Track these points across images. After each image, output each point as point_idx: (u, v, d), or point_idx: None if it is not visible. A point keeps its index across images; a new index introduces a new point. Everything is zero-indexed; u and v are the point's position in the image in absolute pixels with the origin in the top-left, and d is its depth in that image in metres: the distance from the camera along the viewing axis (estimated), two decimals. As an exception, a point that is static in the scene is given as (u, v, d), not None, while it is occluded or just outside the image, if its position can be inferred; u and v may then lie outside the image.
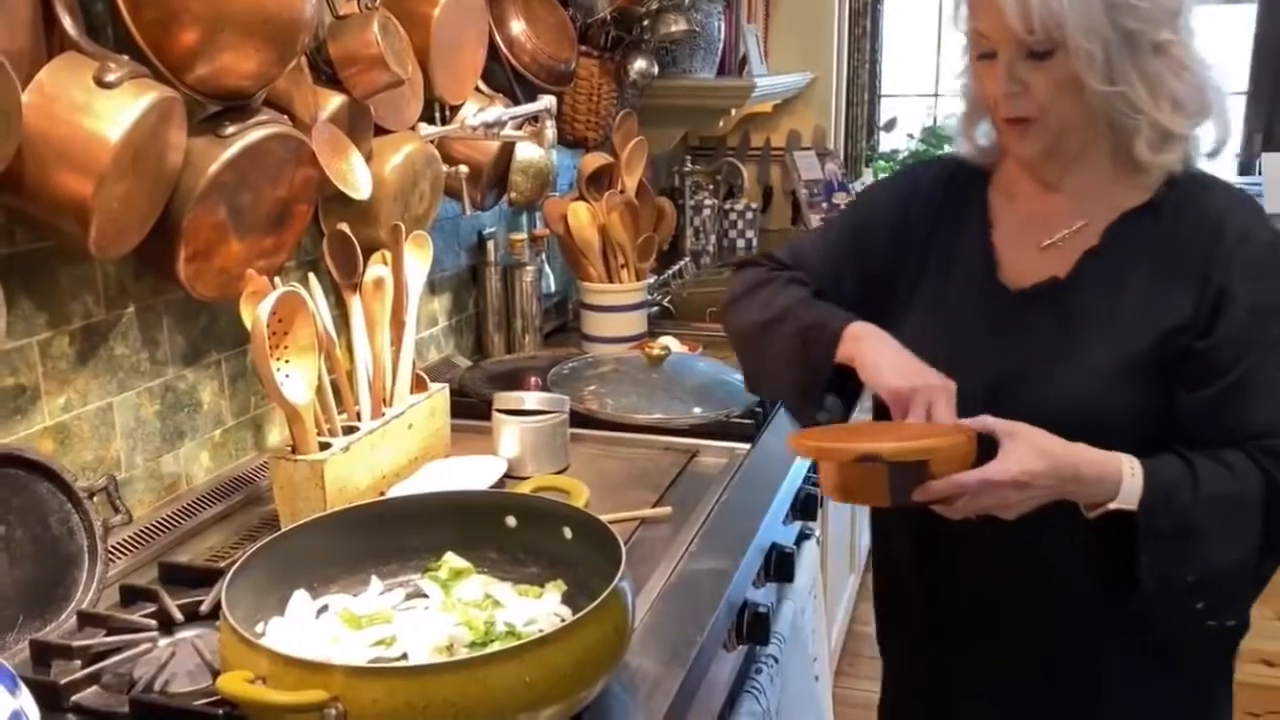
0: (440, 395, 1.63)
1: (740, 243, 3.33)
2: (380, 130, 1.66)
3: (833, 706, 2.03)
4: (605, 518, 1.14)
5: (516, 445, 1.61)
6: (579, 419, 1.73)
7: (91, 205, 1.12)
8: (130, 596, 1.22)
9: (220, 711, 0.98)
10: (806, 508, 1.75)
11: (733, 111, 2.95)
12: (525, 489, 1.46)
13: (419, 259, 1.59)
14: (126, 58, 1.17)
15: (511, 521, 1.19)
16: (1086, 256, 1.18)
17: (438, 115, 1.81)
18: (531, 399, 1.64)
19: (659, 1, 2.42)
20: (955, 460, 1.05)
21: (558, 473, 1.60)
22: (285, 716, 0.87)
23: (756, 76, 3.05)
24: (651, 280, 2.46)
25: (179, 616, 1.16)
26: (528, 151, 2.04)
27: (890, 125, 4.18)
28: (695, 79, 2.82)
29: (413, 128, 1.74)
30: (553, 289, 2.46)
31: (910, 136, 4.20)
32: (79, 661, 1.08)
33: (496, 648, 0.98)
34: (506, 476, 1.57)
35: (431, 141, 1.76)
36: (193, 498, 1.49)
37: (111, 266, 1.35)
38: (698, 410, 1.78)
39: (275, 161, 1.37)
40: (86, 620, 1.16)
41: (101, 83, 1.12)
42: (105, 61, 1.13)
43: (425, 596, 1.13)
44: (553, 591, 1.12)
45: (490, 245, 2.20)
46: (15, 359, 1.24)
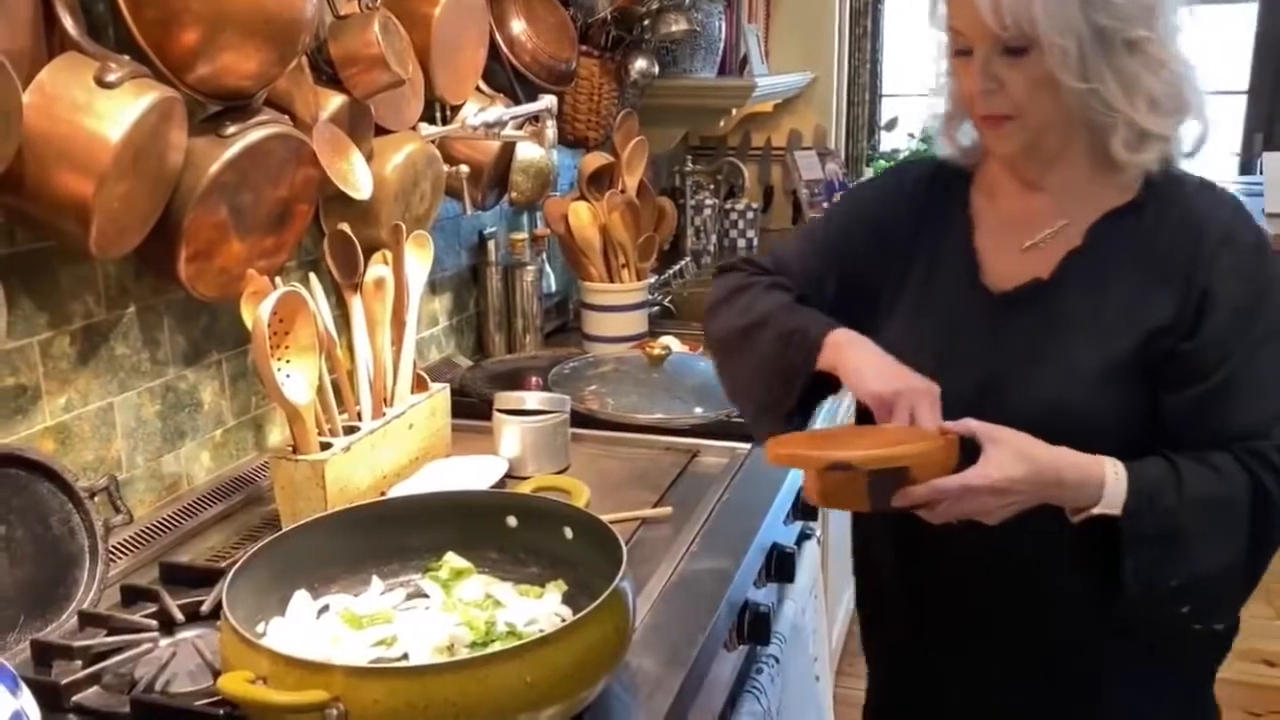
0: (441, 395, 1.63)
1: (741, 242, 3.32)
2: (381, 130, 1.66)
3: (833, 706, 2.02)
4: (606, 518, 1.14)
5: (517, 445, 1.61)
6: (580, 419, 1.73)
7: (92, 205, 1.12)
8: (131, 596, 1.22)
9: (221, 712, 0.98)
10: (807, 508, 1.74)
11: (733, 111, 2.94)
12: (526, 489, 1.46)
13: (420, 259, 1.59)
14: (127, 58, 1.17)
15: (512, 521, 1.19)
16: (1069, 257, 1.16)
17: (438, 115, 1.82)
18: (532, 399, 1.64)
19: (660, 1, 2.42)
20: (936, 465, 1.04)
21: (558, 473, 1.60)
22: (286, 717, 0.87)
23: (757, 76, 3.05)
24: (652, 280, 2.46)
25: (180, 617, 1.16)
26: (528, 151, 2.04)
27: (891, 125, 4.18)
28: (696, 79, 2.82)
29: (413, 128, 1.74)
30: (553, 289, 2.46)
31: (911, 136, 4.19)
32: (80, 662, 1.08)
33: (497, 648, 0.98)
34: (507, 476, 1.57)
35: (432, 141, 1.76)
36: (193, 498, 1.49)
37: (112, 266, 1.35)
38: (699, 410, 1.78)
39: (276, 161, 1.37)
40: (87, 620, 1.16)
41: (102, 83, 1.12)
42: (106, 61, 1.13)
43: (426, 596, 1.13)
44: (553, 591, 1.12)
45: (491, 245, 2.20)
46: (16, 359, 1.24)
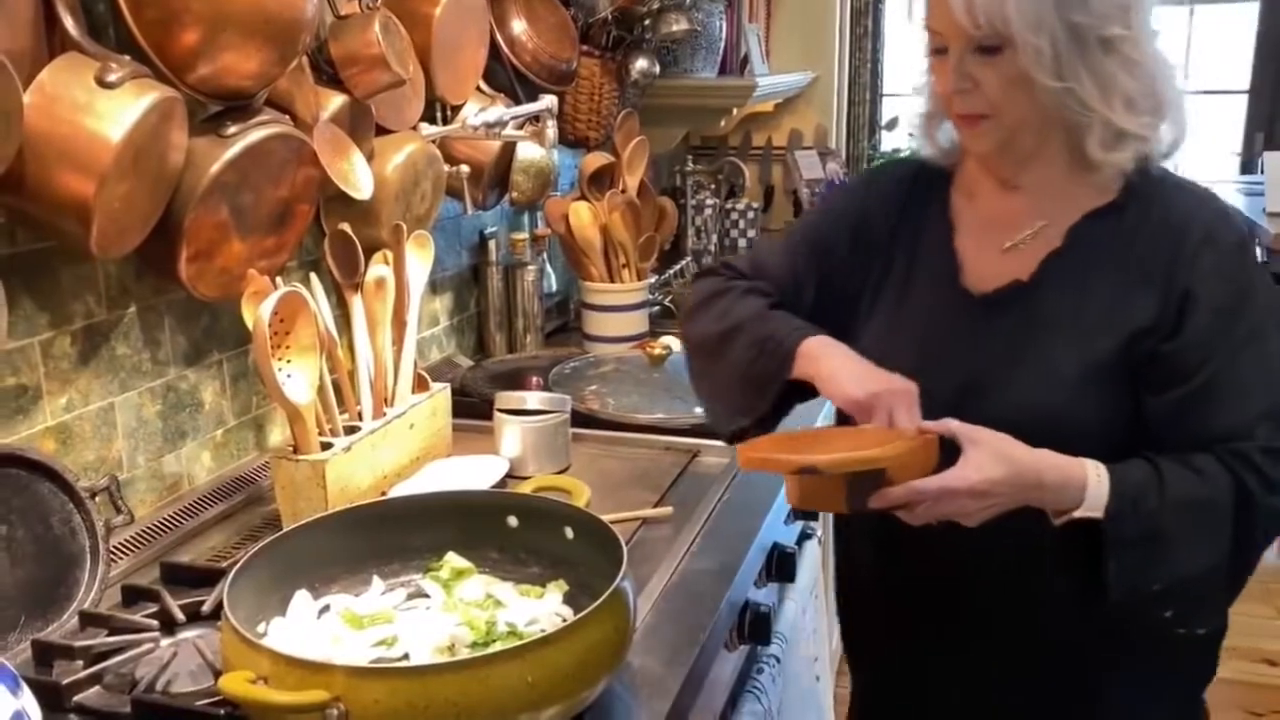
0: (442, 395, 1.63)
1: (742, 242, 3.32)
2: (382, 130, 1.66)
3: (834, 706, 2.02)
4: (607, 517, 1.14)
5: (518, 445, 1.61)
6: (580, 419, 1.73)
7: (93, 205, 1.12)
8: (132, 596, 1.22)
9: (222, 712, 0.98)
10: (808, 507, 1.74)
11: (734, 111, 2.94)
12: (527, 489, 1.46)
13: (420, 259, 1.59)
14: (128, 58, 1.17)
15: (513, 521, 1.19)
16: (1050, 258, 1.15)
17: (439, 115, 1.82)
18: (533, 399, 1.64)
19: (660, 1, 2.42)
20: (914, 466, 1.03)
21: (559, 472, 1.60)
22: (287, 717, 0.87)
23: (758, 76, 3.04)
24: (653, 280, 2.46)
25: (181, 617, 1.16)
26: (529, 151, 2.04)
27: (892, 124, 4.17)
28: (697, 78, 2.82)
29: (414, 127, 1.74)
30: (554, 288, 2.46)
31: (911, 135, 4.18)
32: (81, 662, 1.08)
33: (498, 648, 0.98)
34: (508, 476, 1.57)
35: (433, 141, 1.76)
36: (194, 498, 1.49)
37: (113, 266, 1.35)
38: (699, 410, 1.77)
39: (277, 161, 1.37)
40: (88, 620, 1.16)
41: (103, 83, 1.12)
42: (107, 62, 1.13)
43: (427, 596, 1.13)
44: (554, 591, 1.12)
45: (492, 245, 2.20)
46: (17, 359, 1.24)
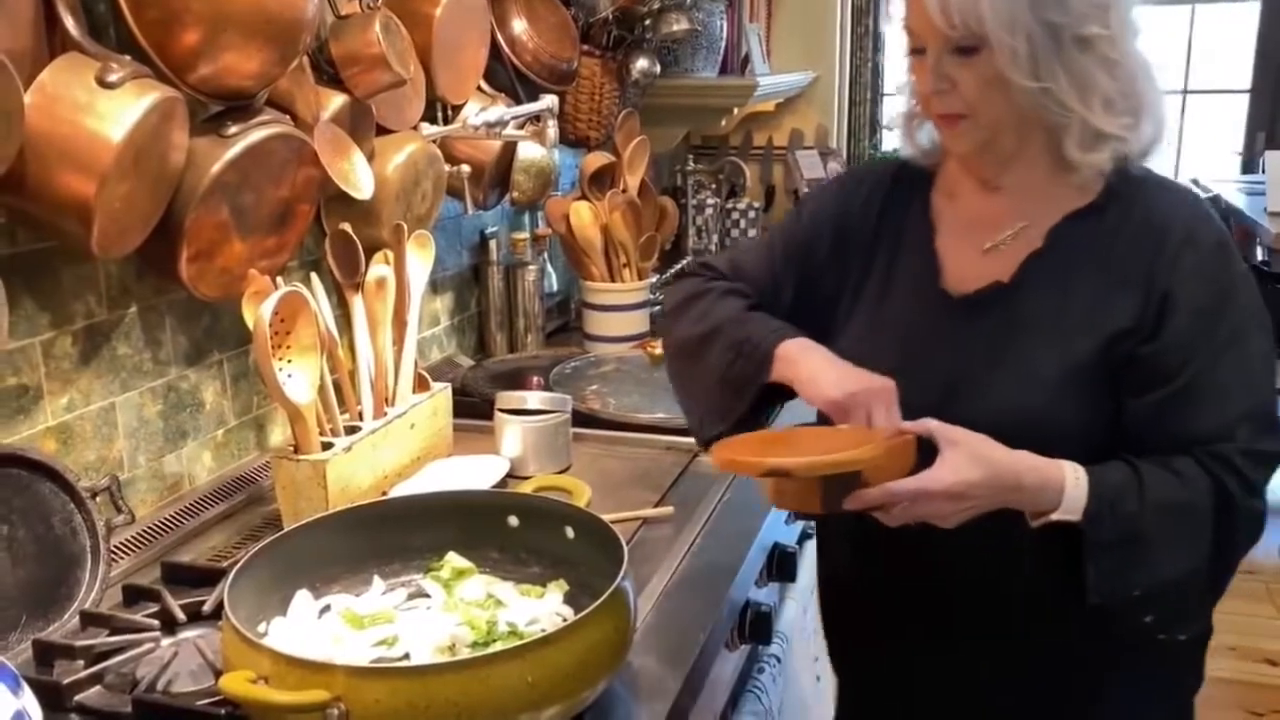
0: (442, 395, 1.63)
1: (743, 242, 3.32)
2: (382, 130, 1.66)
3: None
4: (607, 517, 1.13)
5: (518, 445, 1.61)
6: (581, 418, 1.73)
7: (94, 205, 1.12)
8: (133, 596, 1.22)
9: (223, 711, 0.98)
10: (809, 507, 1.74)
11: (735, 110, 2.94)
12: (527, 489, 1.46)
13: (421, 258, 1.59)
14: (128, 58, 1.17)
15: (514, 521, 1.19)
16: (1030, 259, 1.14)
17: (440, 115, 1.82)
18: (533, 398, 1.64)
19: (661, 1, 2.42)
20: (891, 467, 1.02)
21: (560, 472, 1.60)
22: (287, 716, 0.87)
23: (759, 75, 3.05)
24: (654, 280, 2.45)
25: (181, 616, 1.16)
26: (530, 151, 2.04)
27: (893, 124, 4.18)
28: (697, 78, 2.82)
29: (415, 127, 1.74)
30: (555, 288, 2.46)
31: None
32: (82, 661, 1.08)
33: (499, 647, 0.98)
34: (508, 476, 1.57)
35: (434, 141, 1.76)
36: (195, 497, 1.49)
37: (114, 266, 1.35)
38: (700, 410, 1.78)
39: (277, 161, 1.37)
40: (89, 620, 1.16)
41: (104, 83, 1.12)
42: (107, 62, 1.14)
43: (427, 596, 1.13)
44: (555, 591, 1.12)
45: (492, 244, 2.20)
46: (18, 359, 1.24)
